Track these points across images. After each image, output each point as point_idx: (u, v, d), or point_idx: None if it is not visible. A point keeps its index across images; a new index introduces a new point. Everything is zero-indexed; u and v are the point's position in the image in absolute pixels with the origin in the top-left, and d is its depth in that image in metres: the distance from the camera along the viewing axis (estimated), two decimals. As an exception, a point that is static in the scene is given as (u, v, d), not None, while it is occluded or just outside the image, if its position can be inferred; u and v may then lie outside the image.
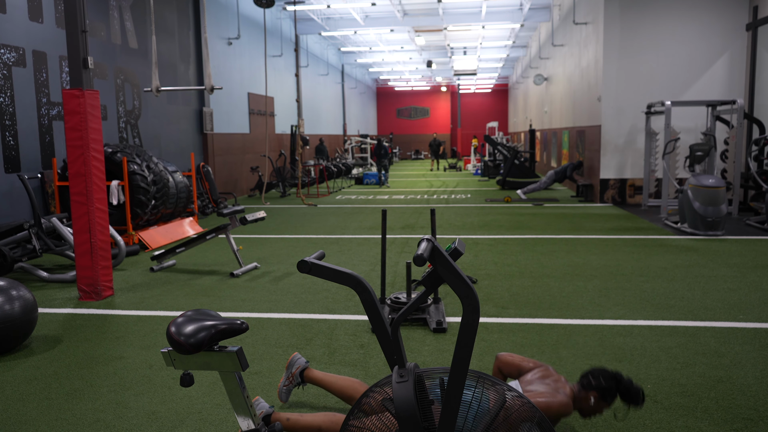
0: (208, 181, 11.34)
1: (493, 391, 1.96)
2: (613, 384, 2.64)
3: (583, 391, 2.68)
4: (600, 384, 2.64)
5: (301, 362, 3.01)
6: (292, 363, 3.03)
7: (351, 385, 2.86)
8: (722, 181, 7.93)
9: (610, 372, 2.67)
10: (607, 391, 2.64)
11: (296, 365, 3.01)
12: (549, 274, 5.94)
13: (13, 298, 3.93)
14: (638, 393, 2.62)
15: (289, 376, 3.00)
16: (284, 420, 2.66)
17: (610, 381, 2.64)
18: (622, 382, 2.64)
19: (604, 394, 2.64)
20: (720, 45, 11.17)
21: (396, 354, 2.04)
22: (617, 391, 2.64)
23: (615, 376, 2.65)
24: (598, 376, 2.66)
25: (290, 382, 3.00)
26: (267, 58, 14.89)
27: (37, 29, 7.82)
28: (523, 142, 26.53)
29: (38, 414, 3.08)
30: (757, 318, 4.44)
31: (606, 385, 2.63)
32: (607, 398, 2.65)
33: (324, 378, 2.93)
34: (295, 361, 3.02)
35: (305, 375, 2.98)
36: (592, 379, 2.67)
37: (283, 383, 3.02)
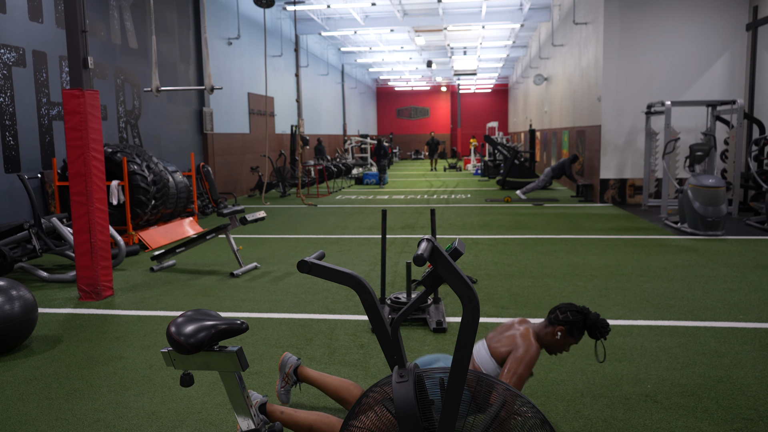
0: (208, 181, 11.34)
1: (493, 391, 1.96)
2: (580, 318, 2.64)
3: (551, 326, 2.68)
4: (568, 318, 2.65)
5: (293, 360, 2.99)
6: (284, 363, 3.01)
7: (345, 387, 2.84)
8: (722, 181, 7.93)
9: (577, 306, 2.68)
10: (575, 326, 2.64)
11: (288, 364, 2.99)
12: (549, 274, 5.94)
13: (13, 298, 3.93)
14: (605, 327, 2.63)
15: (284, 377, 2.99)
16: (278, 413, 2.66)
17: (578, 315, 2.65)
18: (589, 317, 2.65)
19: (571, 329, 2.64)
20: (720, 45, 11.17)
21: (396, 354, 2.04)
22: (584, 325, 2.65)
23: (582, 311, 2.66)
24: (566, 310, 2.67)
25: (286, 383, 2.98)
26: (267, 58, 14.89)
27: (37, 29, 7.82)
28: (523, 142, 26.53)
29: (38, 414, 3.08)
30: (757, 318, 4.44)
31: (573, 319, 2.64)
32: (574, 333, 2.65)
33: (318, 377, 2.92)
34: (286, 361, 3.00)
35: (299, 373, 2.96)
36: (560, 314, 2.67)
37: (279, 385, 3.00)
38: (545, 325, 2.70)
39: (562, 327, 2.65)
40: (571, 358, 3.72)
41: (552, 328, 2.67)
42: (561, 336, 2.65)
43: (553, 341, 2.67)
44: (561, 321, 2.66)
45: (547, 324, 2.70)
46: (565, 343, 2.67)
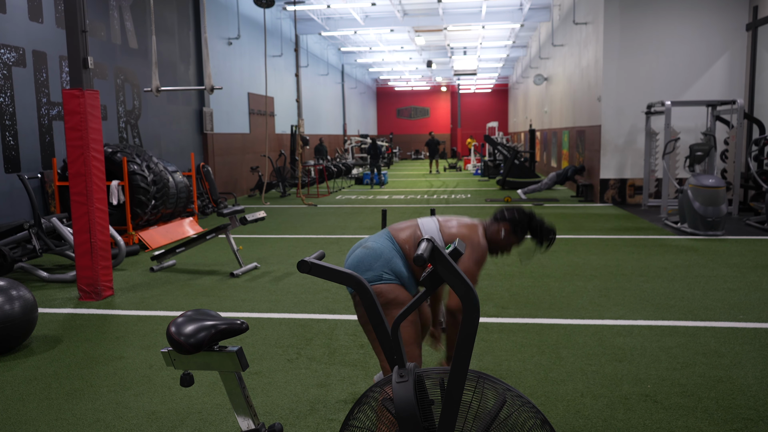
0: (208, 181, 11.34)
1: (493, 391, 1.96)
2: (525, 219, 2.65)
3: (495, 223, 2.68)
4: (513, 217, 2.66)
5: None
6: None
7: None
8: (722, 181, 7.93)
9: (524, 209, 2.69)
10: (519, 225, 2.65)
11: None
12: (549, 274, 5.94)
13: (13, 298, 3.93)
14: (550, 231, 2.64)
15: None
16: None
17: (524, 216, 2.66)
18: (534, 219, 2.66)
19: (515, 228, 2.65)
20: (720, 45, 11.17)
21: (396, 354, 2.04)
22: (529, 226, 2.65)
23: (529, 213, 2.67)
24: (513, 210, 2.68)
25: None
26: (267, 58, 14.89)
27: (37, 29, 7.82)
28: (523, 142, 26.53)
29: (38, 414, 3.08)
30: (757, 318, 4.44)
31: (519, 219, 2.65)
32: (517, 232, 2.65)
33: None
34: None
35: None
36: (507, 212, 2.68)
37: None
38: (491, 223, 2.70)
39: (507, 224, 2.66)
40: (571, 358, 3.72)
41: (497, 225, 2.67)
42: (505, 234, 2.65)
43: (497, 239, 2.67)
44: (507, 218, 2.67)
45: (492, 221, 2.70)
46: (508, 242, 2.67)
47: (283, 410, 3.08)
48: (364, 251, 2.58)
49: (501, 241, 2.66)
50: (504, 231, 2.64)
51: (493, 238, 2.67)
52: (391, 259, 2.54)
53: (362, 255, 2.57)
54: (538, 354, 3.79)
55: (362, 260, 2.55)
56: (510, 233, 2.65)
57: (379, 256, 2.55)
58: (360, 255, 2.57)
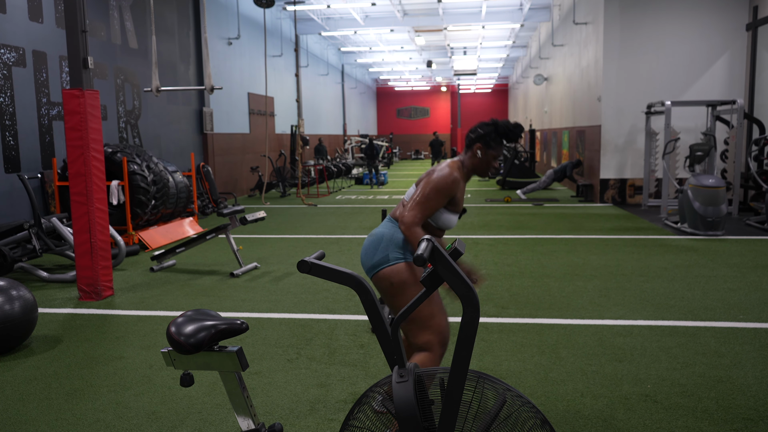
0: (208, 181, 11.34)
1: (493, 391, 1.96)
2: (491, 128, 2.66)
3: (468, 150, 2.70)
4: (479, 133, 2.67)
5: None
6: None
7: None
8: (722, 181, 7.93)
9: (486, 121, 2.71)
10: (489, 137, 2.66)
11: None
12: (549, 274, 5.94)
13: (13, 298, 3.93)
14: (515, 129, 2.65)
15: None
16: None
17: (487, 127, 2.67)
18: (498, 124, 2.67)
19: (487, 141, 2.66)
20: (720, 45, 11.17)
21: (396, 354, 2.04)
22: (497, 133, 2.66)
23: (491, 122, 2.68)
24: (476, 128, 2.70)
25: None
26: (267, 58, 14.89)
27: (37, 29, 7.82)
28: (523, 142, 26.52)
29: (38, 414, 3.08)
30: (757, 318, 4.44)
31: (485, 131, 2.66)
32: (491, 144, 2.67)
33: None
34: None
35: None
36: (471, 134, 2.70)
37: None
38: (464, 152, 2.72)
39: (478, 143, 2.67)
40: (571, 358, 3.72)
41: (470, 150, 2.69)
42: (481, 152, 2.67)
43: (477, 161, 2.68)
44: (475, 138, 2.68)
45: (466, 150, 2.72)
46: (488, 159, 2.68)
47: (283, 410, 3.08)
48: (369, 238, 2.70)
49: (481, 161, 2.68)
50: (479, 151, 2.67)
51: (474, 163, 2.69)
52: (393, 234, 2.64)
53: (368, 242, 2.69)
54: (538, 354, 3.79)
55: (369, 246, 2.67)
56: (484, 149, 2.67)
57: (382, 237, 2.65)
58: (366, 243, 2.70)
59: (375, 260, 2.61)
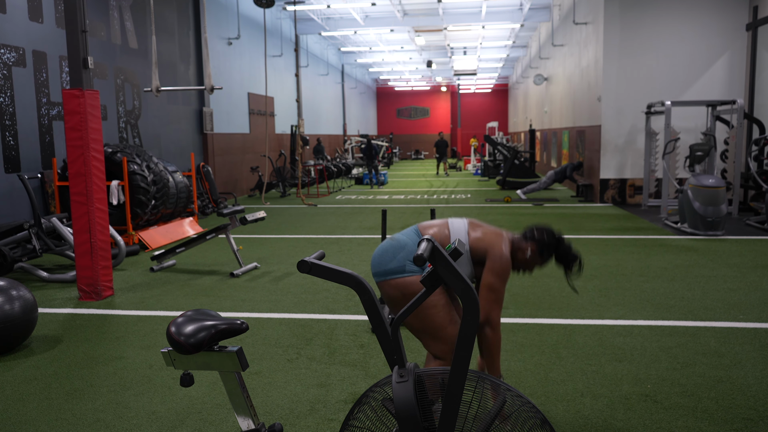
0: (208, 181, 11.34)
1: (493, 391, 1.96)
2: (554, 242, 2.64)
3: (524, 241, 2.67)
4: (542, 238, 2.64)
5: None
6: None
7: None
8: (722, 181, 7.93)
9: (554, 231, 2.68)
10: (547, 247, 2.63)
11: None
12: (549, 274, 5.94)
13: (13, 298, 3.93)
14: (575, 259, 2.62)
15: None
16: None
17: (552, 239, 2.64)
18: (563, 243, 2.64)
19: (542, 249, 2.63)
20: (720, 45, 11.17)
21: (396, 354, 2.04)
22: (556, 250, 2.64)
23: (559, 237, 2.65)
24: (543, 231, 2.66)
25: None
26: (267, 58, 14.89)
27: (37, 29, 7.82)
28: (523, 142, 26.53)
29: (38, 414, 3.08)
30: (757, 318, 4.44)
31: (548, 241, 2.63)
32: (543, 254, 2.64)
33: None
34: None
35: None
36: (537, 232, 2.66)
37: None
38: (519, 239, 2.68)
39: (534, 245, 2.64)
40: (571, 358, 3.72)
41: (525, 243, 2.66)
42: (531, 254, 2.64)
43: (522, 257, 2.66)
44: (536, 239, 2.64)
45: (521, 238, 2.68)
46: (532, 262, 2.66)
47: (283, 410, 3.08)
48: (389, 242, 2.63)
49: (525, 259, 2.65)
50: (530, 251, 2.63)
51: (518, 255, 2.66)
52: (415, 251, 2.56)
53: (387, 245, 2.62)
54: (538, 354, 3.79)
55: (386, 250, 2.60)
56: (536, 254, 2.63)
57: (403, 247, 2.59)
58: (385, 245, 2.63)
59: (390, 267, 2.56)
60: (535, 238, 2.64)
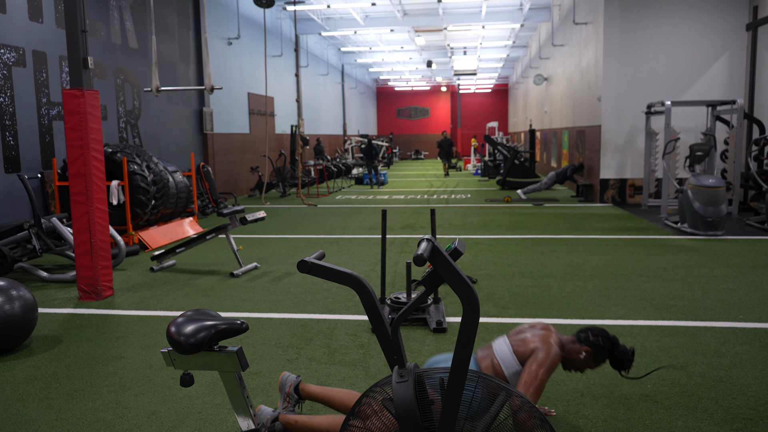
0: (208, 181, 11.34)
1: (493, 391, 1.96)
2: (609, 346, 2.63)
3: (577, 344, 2.66)
4: (597, 342, 2.63)
5: (292, 379, 2.88)
6: (283, 383, 2.89)
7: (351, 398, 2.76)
8: (722, 181, 7.93)
9: (609, 334, 2.67)
10: (602, 351, 2.62)
11: (288, 383, 2.87)
12: (549, 274, 5.94)
13: (13, 298, 3.93)
14: (629, 362, 2.62)
15: (285, 397, 2.86)
16: (292, 422, 2.60)
17: (608, 342, 2.63)
18: (618, 348, 2.63)
19: (597, 354, 2.62)
20: (720, 45, 11.17)
21: (396, 354, 2.04)
22: (611, 354, 2.63)
23: (612, 339, 2.64)
24: (598, 334, 2.66)
25: (288, 402, 2.86)
26: (267, 58, 14.89)
27: (37, 29, 7.82)
28: (523, 142, 26.53)
29: (38, 414, 3.08)
30: (757, 318, 4.44)
31: (603, 345, 2.62)
32: (598, 358, 2.63)
33: (322, 392, 2.82)
34: (285, 380, 2.88)
35: (301, 390, 2.85)
36: (591, 335, 2.66)
37: (281, 406, 2.87)
38: (572, 341, 2.67)
39: (588, 348, 2.63)
40: (571, 358, 3.72)
41: (578, 345, 2.64)
42: (585, 357, 2.62)
43: (575, 359, 2.64)
44: (591, 342, 2.63)
45: (574, 340, 2.67)
46: (585, 365, 2.65)
47: (283, 410, 3.08)
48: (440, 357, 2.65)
49: (579, 362, 2.64)
50: (585, 354, 2.63)
51: (572, 357, 2.65)
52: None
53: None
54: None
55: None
56: (590, 357, 2.63)
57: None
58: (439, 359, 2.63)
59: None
60: (589, 341, 2.64)
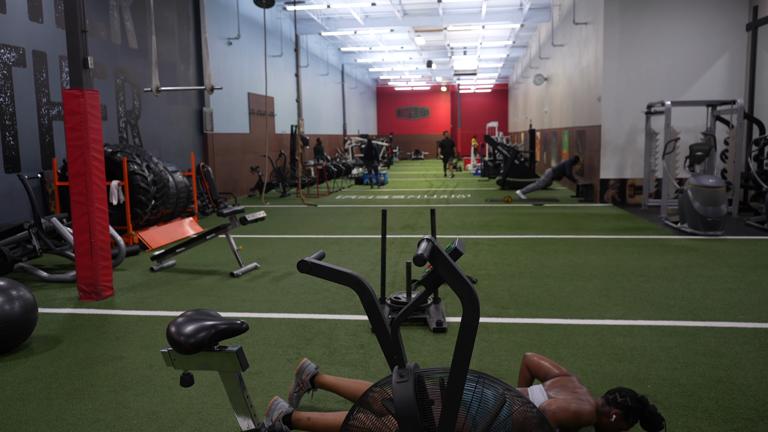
0: (208, 181, 11.34)
1: (493, 391, 1.96)
2: (638, 406, 2.62)
3: (607, 406, 2.66)
4: (626, 403, 2.62)
5: (311, 368, 3.02)
6: (302, 370, 3.04)
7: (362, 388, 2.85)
8: (722, 181, 7.93)
9: (637, 394, 2.65)
10: (632, 412, 2.62)
11: (306, 372, 3.02)
12: (549, 274, 5.94)
13: (13, 298, 3.93)
14: (661, 422, 2.61)
15: (299, 383, 3.01)
16: (305, 419, 2.66)
17: (636, 403, 2.62)
18: (647, 407, 2.62)
19: (627, 414, 2.62)
20: (720, 45, 11.17)
21: (396, 354, 2.04)
22: (641, 414, 2.63)
23: (641, 400, 2.63)
24: (626, 395, 2.65)
25: (300, 389, 3.01)
26: (267, 58, 14.89)
27: (37, 29, 7.82)
28: (523, 142, 26.53)
29: (38, 414, 3.08)
30: (757, 318, 4.44)
31: (632, 406, 2.62)
32: (629, 419, 2.62)
33: (336, 383, 2.94)
34: (305, 368, 3.03)
35: (316, 381, 3.00)
36: (619, 396, 2.65)
37: (293, 389, 3.03)
38: (602, 404, 2.67)
39: (618, 410, 2.63)
40: (571, 358, 3.72)
41: (608, 408, 2.64)
42: (616, 419, 2.62)
43: (606, 422, 2.64)
44: (619, 404, 2.63)
45: (604, 403, 2.67)
46: (617, 427, 2.64)
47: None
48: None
49: (610, 424, 2.64)
50: (615, 416, 2.63)
51: (604, 421, 2.65)
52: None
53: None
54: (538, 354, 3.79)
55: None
56: (621, 419, 2.63)
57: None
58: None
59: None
60: (618, 403, 2.64)
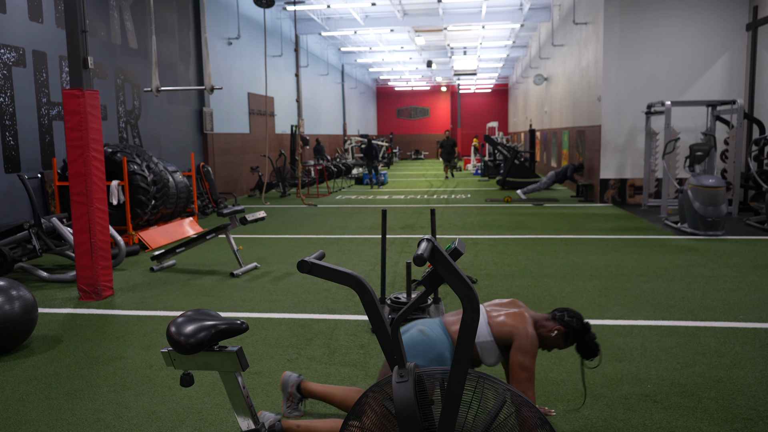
0: (208, 181, 11.34)
1: (493, 391, 1.96)
2: (581, 329, 2.68)
3: (551, 321, 2.70)
4: (571, 323, 2.67)
5: (294, 378, 2.97)
6: (285, 383, 2.98)
7: (352, 395, 2.81)
8: (722, 181, 7.93)
9: (584, 320, 2.72)
10: (573, 333, 2.67)
11: (290, 383, 2.96)
12: (549, 274, 5.94)
13: (13, 298, 3.93)
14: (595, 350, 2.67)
15: (288, 396, 2.97)
16: (294, 427, 2.64)
17: (581, 326, 2.68)
18: (588, 333, 2.68)
19: (567, 335, 2.67)
20: (720, 45, 11.17)
21: (396, 354, 2.04)
22: (580, 338, 2.68)
23: (586, 325, 2.70)
24: (573, 316, 2.70)
25: (291, 401, 2.96)
26: (267, 58, 14.89)
27: (37, 29, 7.82)
28: (523, 142, 26.52)
29: (38, 414, 3.08)
30: (757, 318, 4.44)
31: (576, 327, 2.67)
32: (568, 340, 2.68)
33: (323, 390, 2.89)
34: (287, 380, 2.98)
35: (303, 389, 2.94)
36: (567, 316, 2.70)
37: (285, 405, 2.98)
38: (546, 318, 2.71)
39: (561, 327, 2.67)
40: (570, 358, 3.72)
41: (552, 323, 2.69)
42: (556, 335, 2.67)
43: (546, 336, 2.69)
44: (565, 322, 2.68)
45: (549, 318, 2.71)
46: (554, 344, 2.69)
47: (283, 410, 3.08)
48: (418, 336, 2.64)
49: (549, 338, 2.68)
50: (557, 332, 2.67)
51: (543, 333, 2.69)
52: (443, 353, 2.60)
53: (417, 340, 2.63)
54: (538, 354, 3.79)
55: (416, 345, 2.61)
56: (560, 337, 2.67)
57: (432, 348, 2.61)
58: (415, 338, 2.64)
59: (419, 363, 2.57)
60: (564, 321, 2.68)
